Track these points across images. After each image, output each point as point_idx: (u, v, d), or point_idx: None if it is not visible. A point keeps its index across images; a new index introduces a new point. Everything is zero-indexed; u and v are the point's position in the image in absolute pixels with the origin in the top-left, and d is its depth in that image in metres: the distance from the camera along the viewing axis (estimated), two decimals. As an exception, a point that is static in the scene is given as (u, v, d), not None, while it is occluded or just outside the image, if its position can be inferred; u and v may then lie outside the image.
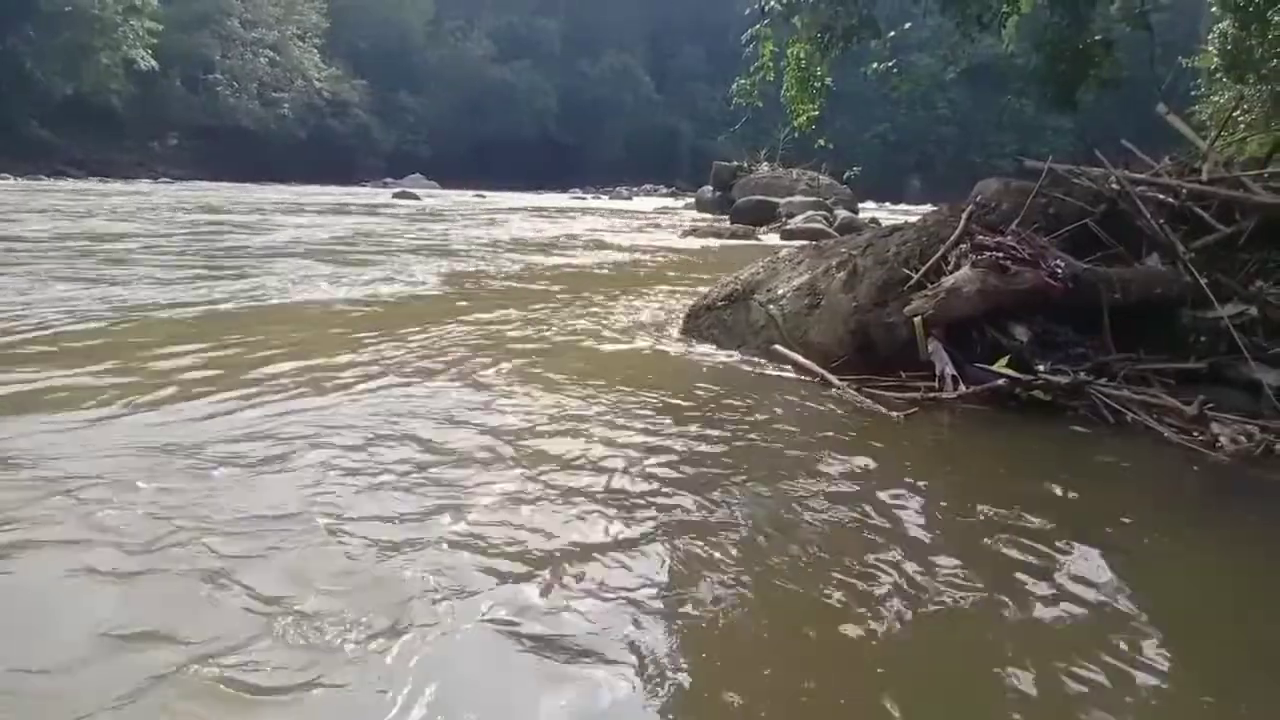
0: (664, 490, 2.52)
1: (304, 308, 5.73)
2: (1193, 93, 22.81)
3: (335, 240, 11.56)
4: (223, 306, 5.49)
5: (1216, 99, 19.82)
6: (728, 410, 3.48)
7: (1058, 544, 2.25)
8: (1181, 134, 5.45)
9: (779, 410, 3.58)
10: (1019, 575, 2.06)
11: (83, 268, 7.06)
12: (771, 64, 10.49)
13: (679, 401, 3.56)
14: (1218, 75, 19.35)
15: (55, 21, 39.43)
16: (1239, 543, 2.45)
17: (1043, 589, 2.00)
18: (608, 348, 4.70)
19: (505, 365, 4.04)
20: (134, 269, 7.18)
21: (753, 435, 3.16)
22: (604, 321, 5.52)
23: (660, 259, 11.08)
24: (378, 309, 5.79)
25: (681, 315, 5.41)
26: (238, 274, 7.10)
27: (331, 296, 6.17)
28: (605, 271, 9.03)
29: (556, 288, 7.37)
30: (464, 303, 6.31)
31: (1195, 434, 3.25)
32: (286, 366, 3.79)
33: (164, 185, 34.03)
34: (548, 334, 5.00)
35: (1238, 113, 7.71)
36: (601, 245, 12.56)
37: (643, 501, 2.42)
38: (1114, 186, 4.47)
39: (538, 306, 6.09)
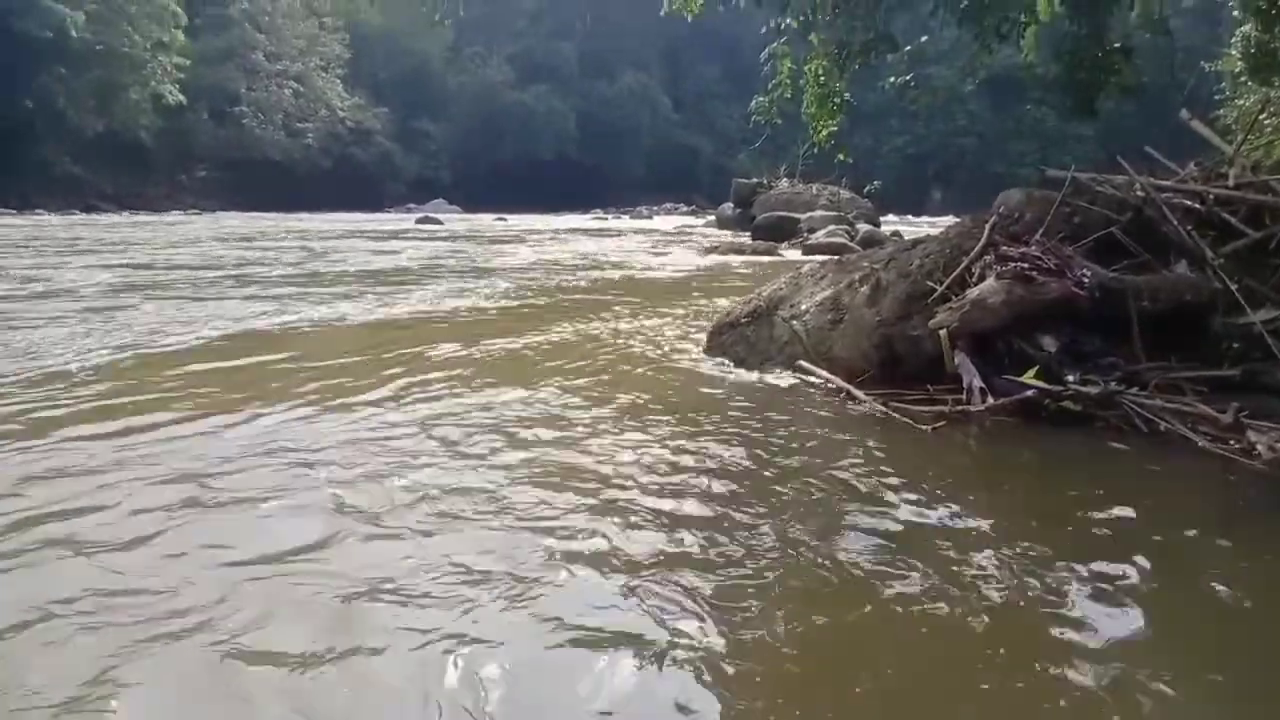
0: (696, 505, 2.52)
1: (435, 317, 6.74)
2: (1216, 96, 22.51)
3: (404, 264, 12.28)
4: (351, 320, 6.49)
5: (1241, 102, 19.54)
6: (755, 428, 3.48)
7: (1098, 556, 2.21)
8: (1206, 139, 5.39)
9: (805, 426, 3.57)
10: (1063, 588, 2.04)
11: (210, 292, 7.96)
12: (790, 81, 10.53)
13: (704, 418, 3.57)
14: (1242, 78, 19.09)
15: (86, 59, 40.39)
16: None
17: (1086, 602, 1.97)
18: (631, 366, 4.71)
19: (544, 382, 4.07)
20: (254, 289, 8.30)
21: (780, 452, 3.15)
22: (628, 340, 5.54)
23: (682, 277, 11.11)
24: (439, 324, 6.38)
25: (704, 333, 5.42)
26: (346, 294, 8.06)
27: (435, 309, 7.31)
28: (627, 291, 9.06)
29: (581, 309, 7.41)
30: (488, 323, 6.38)
31: (1231, 442, 3.20)
32: (457, 371, 4.47)
33: (194, 216, 34.66)
34: (575, 354, 5.03)
35: (1264, 115, 7.61)
36: (623, 265, 12.61)
37: (674, 516, 2.43)
38: (1139, 194, 4.43)
39: (563, 326, 6.15)
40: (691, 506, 2.54)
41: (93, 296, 7.55)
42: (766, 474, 2.87)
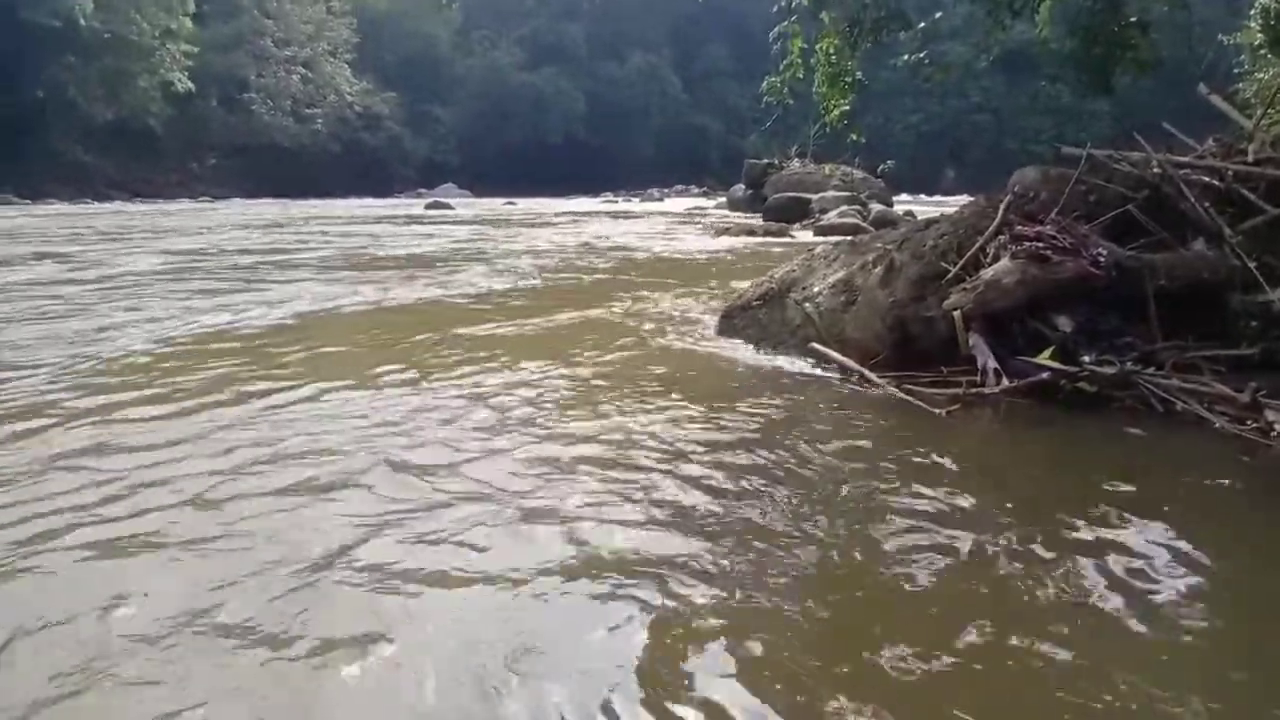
0: (711, 487, 2.53)
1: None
2: (1235, 70, 22.12)
3: (426, 250, 12.38)
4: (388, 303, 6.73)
5: (1261, 75, 19.17)
6: (769, 411, 3.48)
7: (1117, 538, 2.21)
8: (1225, 114, 5.32)
9: (820, 409, 3.57)
10: (1082, 571, 2.03)
11: (255, 279, 8.21)
12: (801, 61, 10.42)
13: (719, 402, 3.56)
14: (1261, 51, 18.75)
15: (96, 48, 40.40)
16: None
17: (1105, 583, 1.97)
18: (644, 351, 4.71)
19: (560, 366, 4.09)
20: (307, 273, 8.75)
21: (795, 435, 3.15)
22: (640, 324, 5.54)
23: (693, 260, 11.08)
24: (479, 306, 6.62)
25: (717, 316, 5.40)
26: (391, 278, 8.45)
27: (469, 291, 7.53)
28: (640, 275, 9.04)
29: (597, 293, 7.43)
30: (503, 306, 6.38)
31: (1249, 422, 3.17)
32: (498, 349, 4.76)
33: (210, 204, 34.75)
34: (595, 335, 5.07)
35: (1284, 89, 7.48)
36: (635, 249, 12.58)
37: (690, 498, 2.44)
38: (1156, 171, 4.38)
39: (582, 310, 6.19)
40: (705, 480, 2.55)
41: (170, 280, 8.07)
42: (778, 454, 2.86)
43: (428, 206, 30.64)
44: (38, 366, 4.14)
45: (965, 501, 2.48)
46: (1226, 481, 2.80)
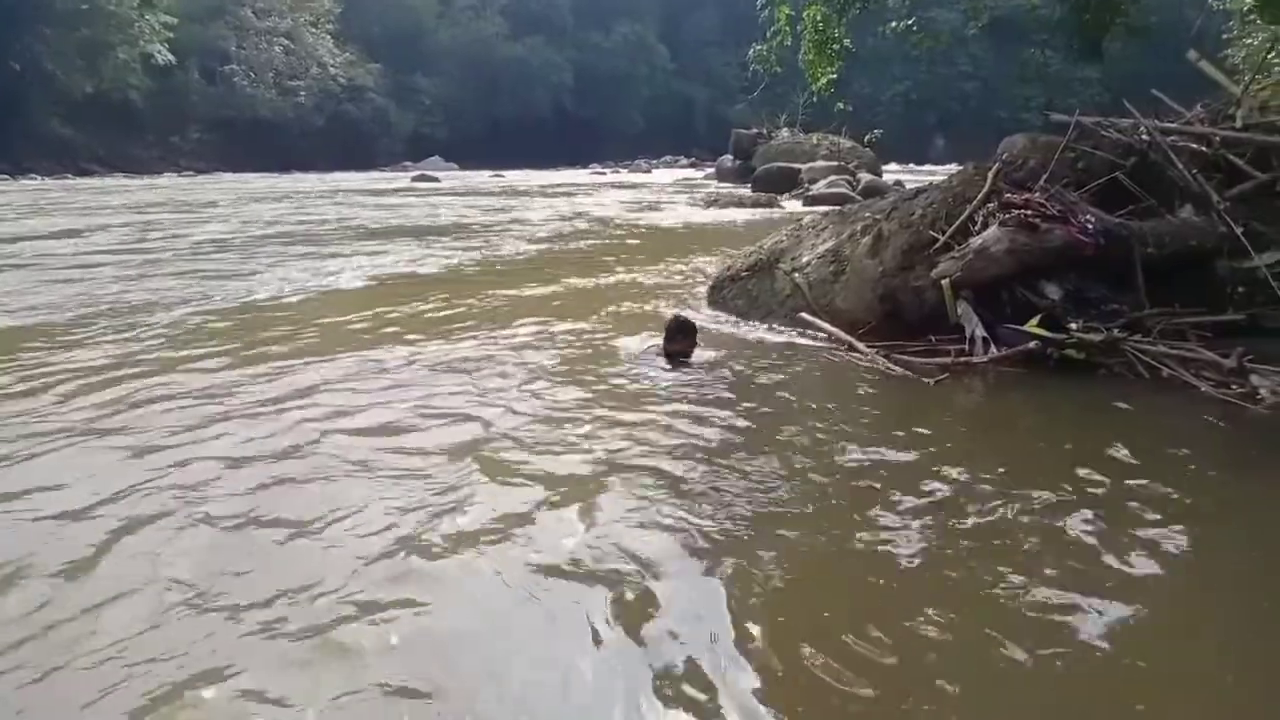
0: (705, 452, 2.55)
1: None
2: (1224, 35, 22.03)
3: (443, 222, 12.69)
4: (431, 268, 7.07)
5: (1250, 41, 19.11)
6: (758, 381, 3.48)
7: (1103, 501, 2.23)
8: (1214, 79, 5.29)
9: (809, 379, 3.57)
10: (1066, 532, 2.06)
11: (294, 251, 8.41)
12: (788, 28, 10.28)
13: (709, 370, 3.56)
14: (1250, 17, 18.66)
15: (71, 19, 39.56)
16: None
17: (1092, 543, 2.00)
18: (639, 321, 4.69)
19: (553, 348, 4.09)
20: (331, 247, 8.83)
21: (785, 405, 3.15)
22: (630, 297, 5.52)
23: (683, 231, 11.03)
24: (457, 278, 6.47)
25: (706, 286, 5.39)
26: (416, 246, 8.84)
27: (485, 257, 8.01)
28: (629, 246, 9.00)
29: (586, 263, 7.39)
30: (510, 274, 6.36)
31: (1234, 386, 3.19)
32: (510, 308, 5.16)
33: (190, 179, 34.28)
34: (587, 304, 5.05)
35: (1272, 54, 7.42)
36: (625, 219, 12.52)
37: (684, 460, 2.45)
38: (1144, 137, 4.36)
39: (573, 280, 6.20)
40: (698, 451, 2.57)
41: (214, 251, 8.44)
42: (770, 429, 2.87)
43: (414, 179, 30.31)
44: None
45: (942, 463, 2.52)
46: (1210, 443, 2.83)
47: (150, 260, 7.54)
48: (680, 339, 3.73)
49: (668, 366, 3.64)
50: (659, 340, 3.83)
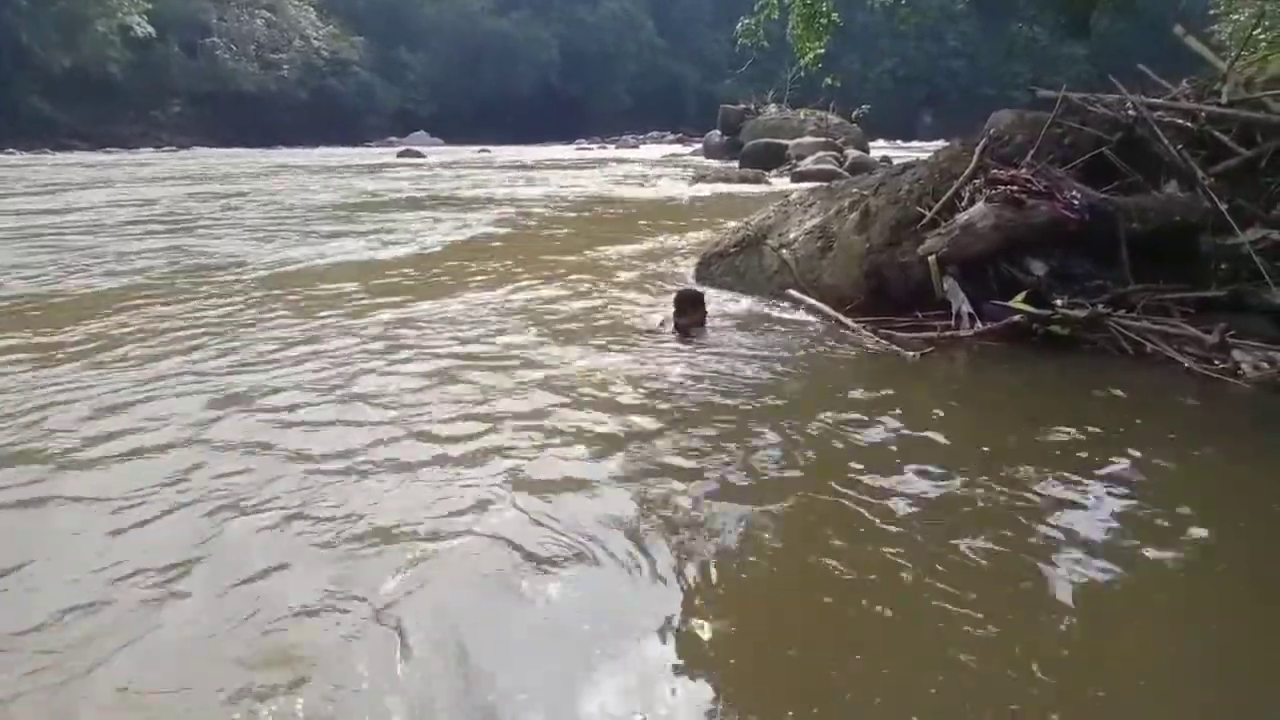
0: (695, 424, 2.57)
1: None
2: (1211, 12, 22.01)
3: (445, 195, 12.87)
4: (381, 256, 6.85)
5: (1236, 17, 19.08)
6: (744, 358, 3.48)
7: (1082, 472, 2.26)
8: (1200, 55, 5.29)
9: (796, 354, 3.58)
10: (1042, 500, 2.09)
11: (293, 225, 8.70)
12: (776, 2, 10.21)
13: (697, 349, 3.57)
14: (1236, -8, 18.65)
15: (47, -10, 38.85)
16: (1262, 468, 2.45)
17: (1071, 513, 2.03)
18: (625, 299, 4.69)
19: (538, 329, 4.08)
20: (346, 225, 8.80)
21: (771, 380, 3.16)
22: (618, 273, 5.51)
23: (671, 207, 10.99)
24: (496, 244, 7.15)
25: (694, 263, 5.38)
26: (430, 218, 9.25)
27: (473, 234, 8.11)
28: (617, 222, 8.98)
29: (574, 240, 7.39)
30: (474, 260, 6.33)
31: (1217, 362, 3.22)
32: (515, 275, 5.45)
33: (169, 154, 33.82)
34: (575, 288, 5.03)
35: (1259, 30, 7.43)
36: (612, 195, 12.47)
37: (673, 431, 2.47)
38: (1130, 113, 4.36)
39: (566, 256, 6.22)
40: (687, 423, 2.58)
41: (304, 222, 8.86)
42: (757, 404, 2.88)
43: (400, 155, 30.02)
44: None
45: (925, 436, 2.56)
46: (1192, 418, 2.87)
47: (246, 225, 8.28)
48: (691, 311, 3.87)
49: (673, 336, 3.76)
50: (661, 314, 3.94)
